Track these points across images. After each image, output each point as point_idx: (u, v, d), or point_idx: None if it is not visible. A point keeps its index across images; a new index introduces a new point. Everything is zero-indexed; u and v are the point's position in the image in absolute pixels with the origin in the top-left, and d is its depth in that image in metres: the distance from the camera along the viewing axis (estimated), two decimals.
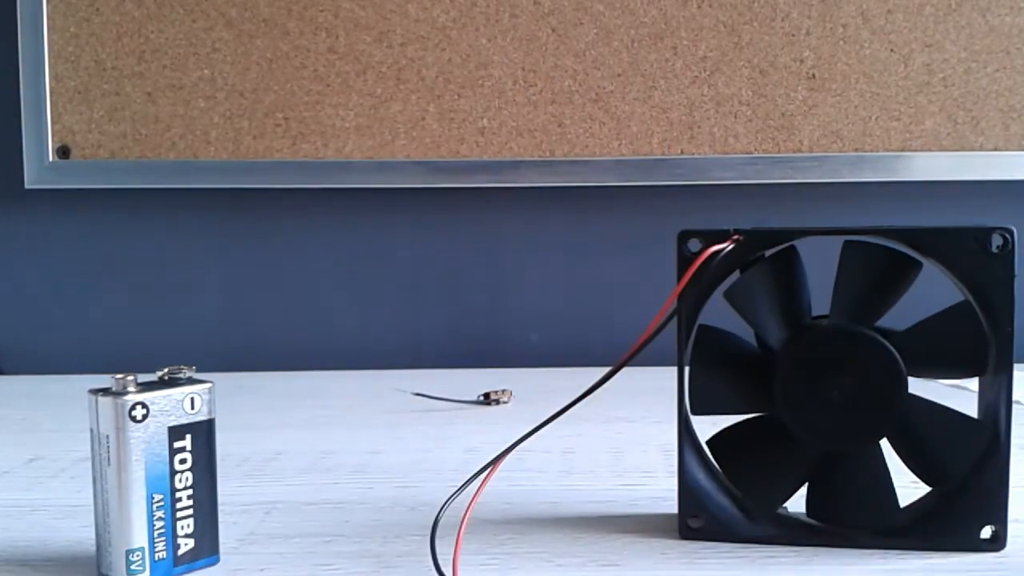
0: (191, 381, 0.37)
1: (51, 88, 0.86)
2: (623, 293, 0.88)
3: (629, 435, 0.58)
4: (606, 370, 0.40)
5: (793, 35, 0.85)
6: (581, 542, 0.39)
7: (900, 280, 0.37)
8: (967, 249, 0.36)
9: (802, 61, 0.85)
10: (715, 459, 0.40)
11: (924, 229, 0.37)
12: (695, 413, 0.40)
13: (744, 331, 0.40)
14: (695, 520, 0.39)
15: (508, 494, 0.46)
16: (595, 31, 0.85)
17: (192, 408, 0.37)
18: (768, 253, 0.39)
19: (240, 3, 0.85)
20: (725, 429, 0.40)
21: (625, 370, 0.41)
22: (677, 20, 0.85)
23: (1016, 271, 0.36)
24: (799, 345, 0.38)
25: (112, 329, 0.91)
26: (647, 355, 0.46)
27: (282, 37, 0.85)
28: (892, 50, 0.85)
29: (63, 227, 0.91)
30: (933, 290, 0.40)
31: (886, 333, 0.37)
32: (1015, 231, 0.35)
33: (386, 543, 0.40)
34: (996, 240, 0.36)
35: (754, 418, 0.40)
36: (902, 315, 0.38)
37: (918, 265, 0.37)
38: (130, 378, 0.35)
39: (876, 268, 0.37)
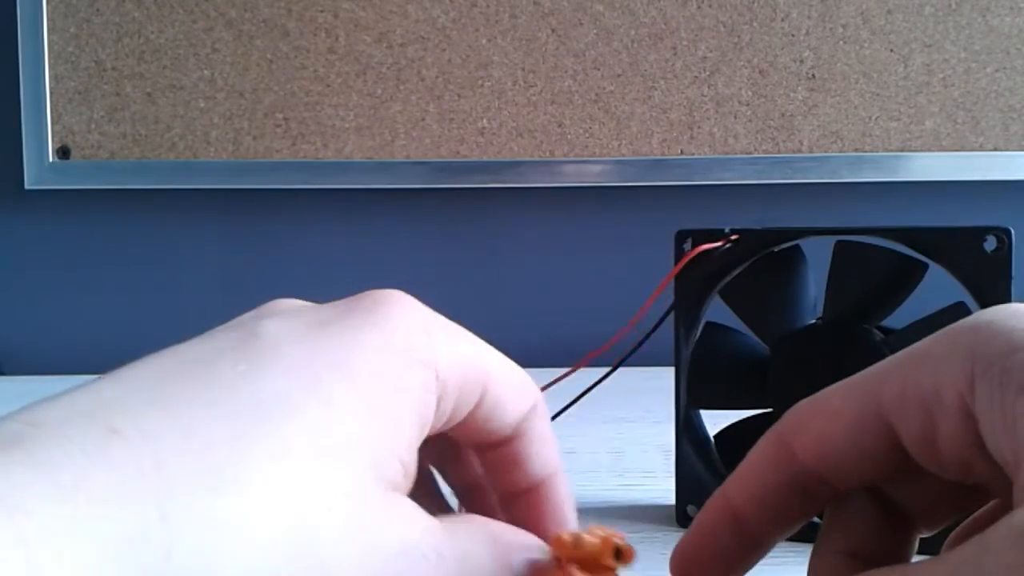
0: None
1: (51, 88, 0.86)
2: (623, 293, 0.88)
3: (629, 435, 0.58)
4: (607, 370, 0.40)
5: (793, 35, 0.85)
6: None
7: (900, 281, 0.37)
8: (964, 250, 0.36)
9: (802, 61, 0.85)
10: (720, 456, 0.40)
11: (921, 229, 0.37)
12: (693, 406, 0.40)
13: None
14: (693, 508, 0.40)
15: None
16: (595, 31, 0.85)
17: None
18: (767, 253, 0.39)
19: (240, 3, 0.85)
20: (729, 427, 0.40)
21: (625, 370, 0.41)
22: (677, 20, 0.85)
23: (1012, 272, 0.35)
24: (794, 343, 0.38)
25: (112, 329, 0.91)
26: (647, 355, 0.46)
27: (282, 37, 0.85)
28: (892, 50, 0.85)
29: (63, 227, 0.91)
30: (939, 290, 0.40)
31: (885, 332, 0.37)
32: (1012, 232, 0.35)
33: None
34: (992, 241, 0.35)
35: (758, 415, 0.40)
36: (907, 316, 0.38)
37: (920, 266, 0.37)
38: None
39: (872, 268, 0.37)
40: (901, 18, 0.84)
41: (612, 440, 0.57)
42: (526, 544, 0.27)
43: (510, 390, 0.27)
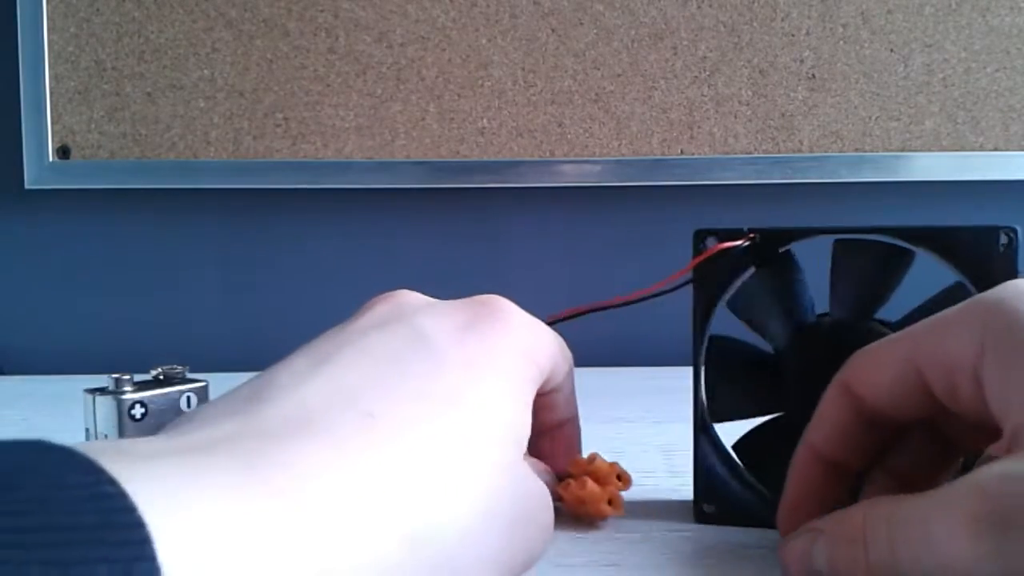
0: (186, 380, 0.37)
1: (51, 88, 0.86)
2: (623, 293, 0.88)
3: (629, 435, 0.58)
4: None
5: (793, 35, 0.85)
6: (581, 542, 0.39)
7: (895, 271, 0.38)
8: (972, 247, 0.37)
9: (802, 61, 0.85)
10: (742, 462, 0.41)
11: (931, 228, 0.37)
12: (714, 420, 0.40)
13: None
14: (710, 507, 0.40)
15: None
16: (595, 31, 0.85)
17: (189, 407, 0.37)
18: (762, 260, 0.40)
19: (240, 3, 0.85)
20: (748, 434, 0.41)
21: (625, 370, 0.41)
22: (677, 20, 0.85)
23: (1019, 268, 0.37)
24: (804, 344, 0.39)
25: (112, 329, 0.91)
26: (646, 355, 0.46)
27: (282, 37, 0.85)
28: (892, 50, 0.85)
29: (63, 227, 0.91)
30: (928, 279, 0.40)
31: (885, 324, 0.38)
32: (1019, 230, 0.37)
33: None
34: (1002, 239, 0.37)
35: (773, 419, 0.40)
36: (898, 307, 0.39)
37: (911, 255, 0.38)
38: (126, 377, 0.35)
39: (870, 262, 0.38)
40: (901, 18, 0.84)
41: (612, 440, 0.57)
42: (547, 468, 0.39)
43: (562, 360, 0.35)
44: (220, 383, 0.40)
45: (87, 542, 0.16)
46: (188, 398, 0.36)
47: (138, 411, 0.35)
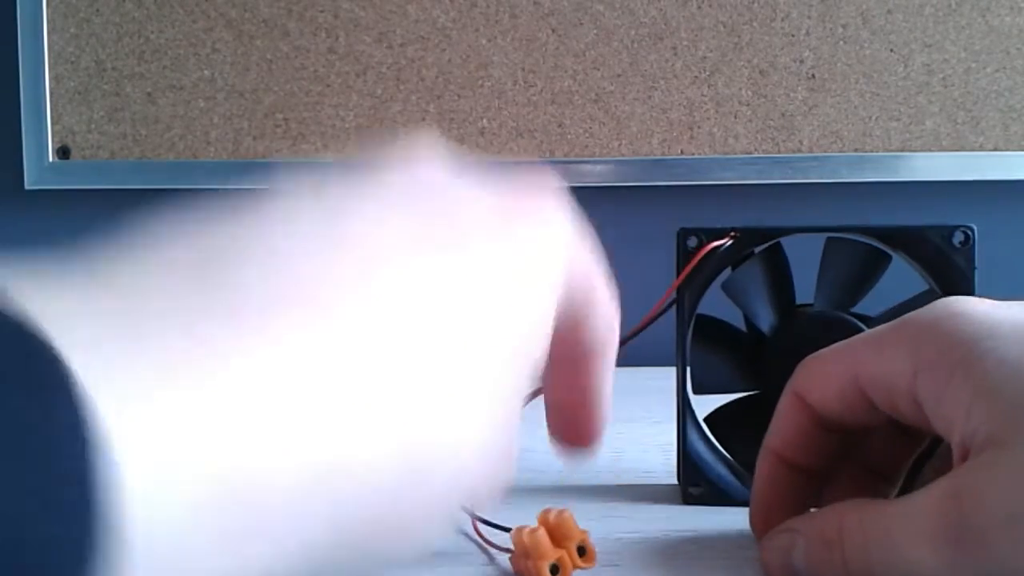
0: None
1: (51, 88, 0.86)
2: (623, 293, 0.88)
3: (629, 435, 0.58)
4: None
5: (793, 35, 0.85)
6: None
7: (874, 271, 0.42)
8: (933, 245, 0.41)
9: (802, 61, 0.85)
10: (714, 435, 0.44)
11: (896, 227, 0.41)
12: (696, 392, 0.43)
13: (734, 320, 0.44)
14: (696, 489, 0.42)
15: (507, 494, 0.46)
16: (595, 31, 0.85)
17: None
18: (757, 250, 0.43)
19: (240, 3, 0.85)
20: (721, 407, 0.44)
21: (625, 370, 0.41)
22: (677, 20, 0.85)
23: (976, 264, 0.40)
24: (788, 329, 0.42)
25: None
26: (647, 355, 0.46)
27: (282, 37, 0.85)
28: (892, 50, 0.85)
29: (63, 227, 0.91)
30: (903, 282, 0.43)
31: (862, 319, 0.41)
32: (975, 228, 0.40)
33: None
34: (958, 236, 0.41)
35: (748, 396, 0.43)
36: (874, 304, 0.42)
37: (888, 258, 0.42)
38: None
39: (854, 261, 0.42)
40: (901, 18, 0.84)
41: (612, 440, 0.57)
42: None
43: (596, 284, 0.30)
44: None
45: None
46: None
47: None
